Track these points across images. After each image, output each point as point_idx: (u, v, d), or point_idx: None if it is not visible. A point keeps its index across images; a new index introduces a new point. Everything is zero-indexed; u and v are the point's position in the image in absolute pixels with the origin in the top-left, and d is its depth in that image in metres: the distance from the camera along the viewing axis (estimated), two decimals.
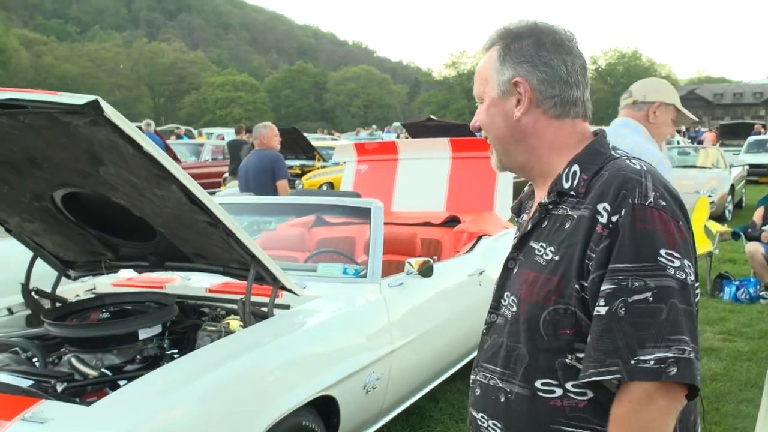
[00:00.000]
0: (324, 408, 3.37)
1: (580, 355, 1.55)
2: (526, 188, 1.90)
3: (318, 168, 17.33)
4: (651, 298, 1.46)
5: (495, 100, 1.72)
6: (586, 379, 1.50)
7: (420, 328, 4.19)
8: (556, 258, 1.60)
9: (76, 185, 3.21)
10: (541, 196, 1.73)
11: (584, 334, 1.54)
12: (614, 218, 1.52)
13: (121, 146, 2.69)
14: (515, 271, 1.72)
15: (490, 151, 1.80)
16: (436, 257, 5.16)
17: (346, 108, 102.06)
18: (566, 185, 1.65)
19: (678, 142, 22.26)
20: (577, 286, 1.55)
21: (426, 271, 4.08)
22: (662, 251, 1.48)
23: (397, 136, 29.21)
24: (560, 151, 1.70)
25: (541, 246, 1.65)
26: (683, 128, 36.36)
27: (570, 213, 1.62)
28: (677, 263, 1.49)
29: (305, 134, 19.98)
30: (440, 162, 6.60)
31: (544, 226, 1.68)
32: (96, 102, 2.48)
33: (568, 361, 1.57)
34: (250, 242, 3.21)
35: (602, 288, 1.50)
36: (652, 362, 1.44)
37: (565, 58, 1.68)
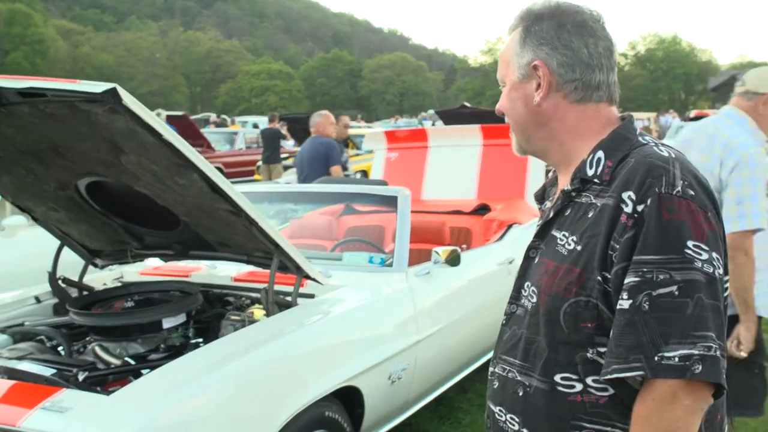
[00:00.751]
0: (348, 399, 3.33)
1: (602, 350, 1.49)
2: (550, 175, 1.85)
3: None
4: (676, 292, 1.40)
5: (515, 84, 1.67)
6: (608, 376, 1.44)
7: (447, 317, 4.13)
8: (578, 248, 1.54)
9: (99, 174, 3.20)
10: (564, 183, 1.67)
11: (606, 328, 1.48)
12: (639, 208, 1.45)
13: (140, 134, 2.67)
14: (536, 260, 1.67)
15: (510, 133, 1.75)
16: (464, 246, 5.11)
17: (382, 96, 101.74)
18: (590, 172, 1.58)
19: None
20: (599, 277, 1.49)
21: (453, 260, 4.02)
22: (689, 243, 1.42)
23: (433, 124, 29.04)
24: (583, 136, 1.64)
25: (564, 235, 1.59)
26: None
27: (593, 201, 1.56)
28: (705, 256, 1.42)
29: None
30: (471, 149, 6.53)
31: (566, 214, 1.62)
32: (114, 90, 2.45)
33: (589, 355, 1.51)
34: (272, 231, 3.18)
35: (626, 281, 1.44)
36: (677, 359, 1.37)
37: (588, 40, 1.61)
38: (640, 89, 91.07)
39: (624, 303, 1.43)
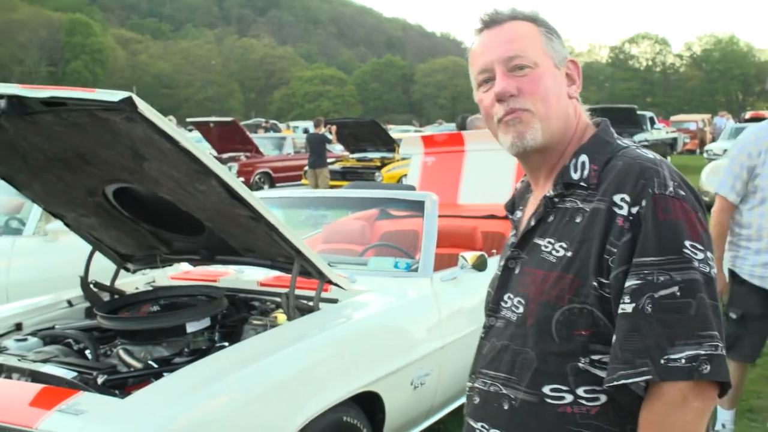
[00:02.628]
0: (369, 404, 3.33)
1: (595, 358, 1.47)
2: (519, 185, 1.83)
3: (398, 160, 17.32)
4: (678, 293, 1.38)
5: (553, 70, 1.61)
6: (615, 383, 1.41)
7: (473, 323, 4.09)
8: (569, 254, 1.51)
9: (125, 180, 3.26)
10: (543, 190, 1.65)
11: (601, 335, 1.46)
12: (635, 209, 1.44)
13: (158, 142, 2.72)
14: (517, 271, 1.64)
15: (508, 124, 1.60)
16: (495, 251, 5.07)
17: (434, 100, 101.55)
18: (575, 176, 1.56)
19: None
20: (595, 283, 1.47)
21: (480, 265, 4.00)
22: (687, 243, 1.41)
23: None
24: (573, 139, 1.63)
25: (549, 242, 1.57)
26: None
27: (581, 206, 1.53)
28: (701, 255, 1.41)
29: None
30: (508, 153, 6.47)
31: (549, 220, 1.60)
32: (129, 98, 2.49)
33: (581, 365, 1.49)
34: (293, 236, 3.20)
35: (627, 284, 1.42)
36: (684, 360, 1.36)
37: None
38: (697, 91, 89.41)
39: (627, 307, 1.41)
